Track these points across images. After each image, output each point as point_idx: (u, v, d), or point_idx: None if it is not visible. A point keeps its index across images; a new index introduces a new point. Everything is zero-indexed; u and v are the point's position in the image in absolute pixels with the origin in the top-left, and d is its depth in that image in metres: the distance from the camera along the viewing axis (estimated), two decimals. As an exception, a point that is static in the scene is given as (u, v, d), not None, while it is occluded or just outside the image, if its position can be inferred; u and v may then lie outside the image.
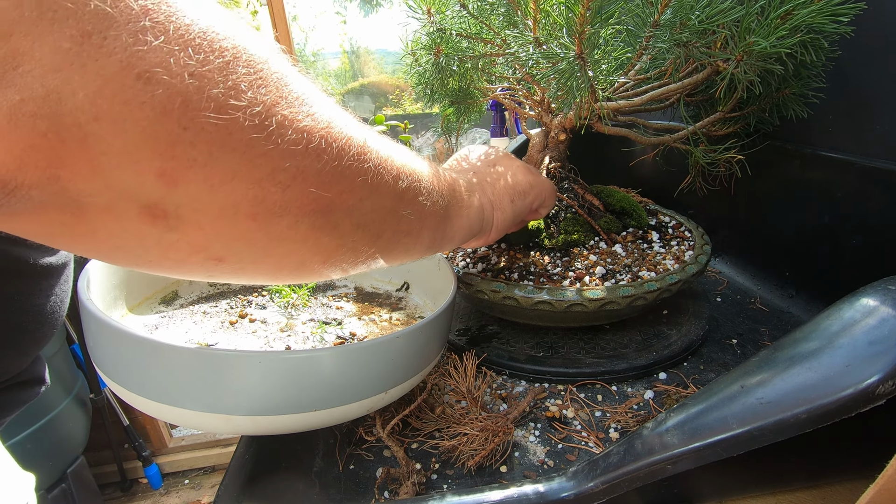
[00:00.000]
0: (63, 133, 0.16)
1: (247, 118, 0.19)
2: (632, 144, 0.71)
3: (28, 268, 0.40)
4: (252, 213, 0.20)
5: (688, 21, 0.40)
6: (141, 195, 0.18)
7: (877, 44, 0.49)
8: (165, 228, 0.19)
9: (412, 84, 0.67)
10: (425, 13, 0.56)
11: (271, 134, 0.20)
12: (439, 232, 0.34)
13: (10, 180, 0.16)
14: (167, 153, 0.17)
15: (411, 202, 0.29)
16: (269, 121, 0.19)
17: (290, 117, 0.20)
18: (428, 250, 0.35)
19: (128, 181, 0.17)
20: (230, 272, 0.23)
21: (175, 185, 0.18)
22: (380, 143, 0.26)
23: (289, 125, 0.20)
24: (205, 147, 0.18)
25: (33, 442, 1.22)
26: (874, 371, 0.23)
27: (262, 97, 0.19)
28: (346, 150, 0.23)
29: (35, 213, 0.17)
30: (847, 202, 0.53)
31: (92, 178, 0.17)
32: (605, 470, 0.30)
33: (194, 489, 1.73)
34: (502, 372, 0.51)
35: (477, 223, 0.40)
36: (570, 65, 0.41)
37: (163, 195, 0.18)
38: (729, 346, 0.54)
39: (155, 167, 0.18)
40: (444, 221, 0.35)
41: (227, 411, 0.33)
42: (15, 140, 0.15)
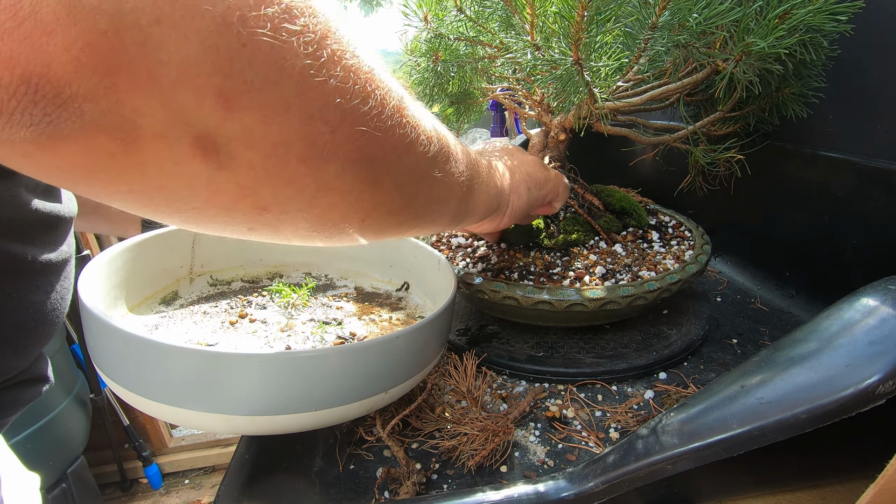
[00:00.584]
0: (123, 33, 0.15)
1: (301, 44, 0.18)
2: (632, 144, 0.71)
3: (27, 265, 0.40)
4: (303, 155, 0.20)
5: (686, 23, 0.40)
6: (197, 121, 0.17)
7: (877, 43, 0.49)
8: (217, 166, 0.19)
9: (411, 86, 0.67)
10: (422, 19, 0.56)
11: (323, 65, 0.19)
12: (464, 203, 0.35)
13: (64, 87, 0.14)
14: (226, 69, 0.17)
15: (443, 167, 0.29)
16: (321, 52, 0.19)
17: (339, 53, 0.20)
18: (452, 221, 0.35)
19: (185, 99, 0.17)
20: (271, 225, 0.22)
21: (230, 111, 0.17)
22: (413, 105, 0.26)
23: (338, 60, 0.20)
24: (262, 69, 0.17)
25: (33, 442, 1.22)
26: (874, 371, 0.23)
27: (315, 26, 0.19)
28: (387, 101, 0.23)
29: (82, 137, 0.16)
30: (847, 202, 0.53)
31: (150, 91, 0.16)
32: (605, 470, 0.30)
33: (194, 489, 1.73)
34: (502, 372, 0.51)
35: (495, 201, 0.41)
36: (568, 70, 0.41)
37: (217, 123, 0.17)
38: (729, 346, 0.54)
39: (213, 85, 0.17)
40: (469, 193, 0.35)
41: (227, 411, 0.33)
42: (74, 36, 0.14)
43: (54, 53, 0.14)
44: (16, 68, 0.14)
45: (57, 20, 0.14)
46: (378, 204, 0.25)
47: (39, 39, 0.14)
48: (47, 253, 0.41)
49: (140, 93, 0.16)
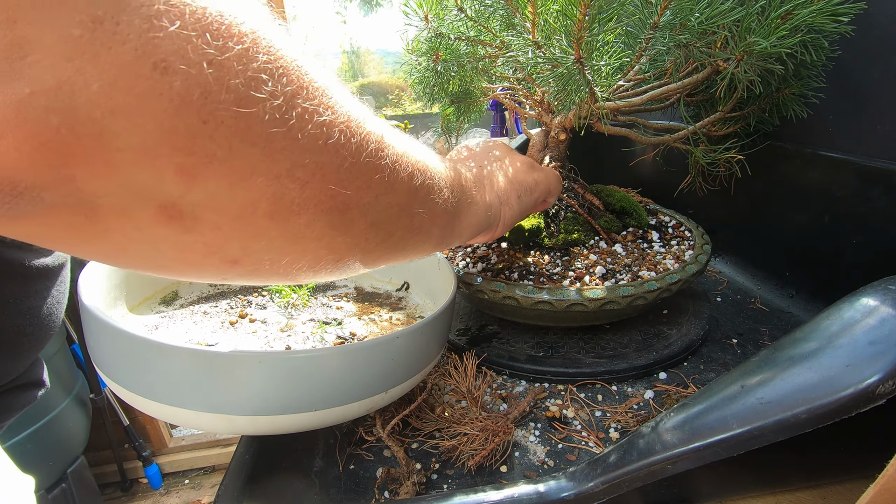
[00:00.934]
0: (77, 128, 0.15)
1: (267, 111, 0.18)
2: (632, 144, 0.71)
3: (23, 270, 0.40)
4: (270, 212, 0.20)
5: (687, 22, 0.40)
6: (158, 194, 0.17)
7: (877, 44, 0.49)
8: (181, 230, 0.19)
9: (412, 85, 0.67)
10: (423, 19, 0.56)
11: (292, 128, 0.19)
12: (448, 229, 0.34)
13: (20, 181, 0.15)
14: (186, 148, 0.17)
15: (424, 200, 0.29)
16: (290, 114, 0.19)
17: (311, 110, 0.19)
18: (437, 247, 0.35)
19: (145, 179, 0.17)
20: (245, 274, 0.23)
21: (193, 182, 0.17)
22: (396, 139, 0.26)
23: (309, 118, 0.19)
24: (224, 141, 0.17)
25: (33, 442, 1.22)
26: (874, 371, 0.23)
27: (283, 88, 0.18)
28: (364, 146, 0.22)
29: (43, 215, 0.16)
30: (847, 202, 0.53)
31: (108, 177, 0.16)
32: (605, 470, 0.30)
33: (194, 489, 1.73)
34: (502, 372, 0.51)
35: (485, 220, 0.40)
36: (569, 69, 0.41)
37: (180, 193, 0.17)
38: (729, 346, 0.54)
39: (174, 163, 0.17)
40: (454, 218, 0.34)
41: (227, 411, 0.33)
42: (26, 136, 0.14)
43: (5, 153, 0.14)
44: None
45: (6, 122, 0.14)
46: (353, 245, 0.25)
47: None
48: (43, 258, 0.41)
49: (98, 179, 0.16)
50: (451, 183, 0.33)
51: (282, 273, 0.24)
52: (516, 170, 0.46)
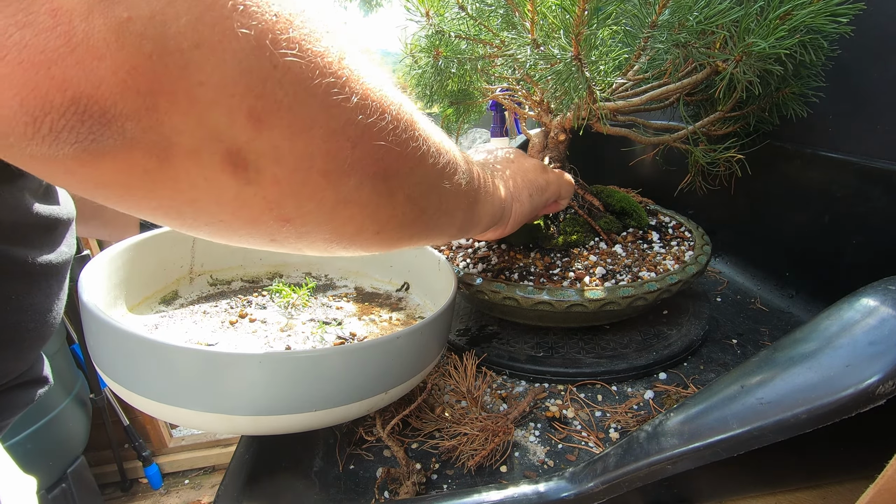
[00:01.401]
0: (166, 58, 0.15)
1: (325, 64, 0.19)
2: (632, 144, 0.71)
3: (27, 268, 0.40)
4: (325, 169, 0.21)
5: (686, 22, 0.40)
6: (228, 137, 0.18)
7: (877, 44, 0.49)
8: (244, 181, 0.19)
9: (411, 85, 0.67)
10: (424, 15, 0.56)
11: (344, 85, 0.20)
12: (469, 213, 0.35)
13: (110, 107, 0.15)
14: (258, 90, 0.17)
15: (450, 179, 0.30)
16: (342, 72, 0.20)
17: (357, 72, 0.21)
18: (459, 231, 0.36)
19: (219, 118, 0.17)
20: (292, 236, 0.23)
21: (260, 128, 0.18)
22: (423, 119, 0.27)
23: (356, 79, 0.21)
24: (291, 88, 0.18)
25: (33, 442, 1.22)
26: (874, 371, 0.23)
27: (336, 46, 0.20)
28: (399, 118, 0.24)
29: (122, 153, 0.17)
30: (847, 202, 0.53)
31: (188, 111, 0.17)
32: (605, 470, 0.30)
33: (194, 489, 1.73)
34: (502, 372, 0.51)
35: (499, 212, 0.41)
36: (568, 66, 0.41)
37: (247, 139, 0.18)
38: (729, 346, 0.54)
39: (246, 105, 0.18)
40: (474, 205, 0.36)
41: (227, 411, 0.33)
42: (122, 59, 0.15)
43: (104, 76, 0.15)
44: (67, 90, 0.15)
45: (107, 45, 0.15)
46: (392, 216, 0.26)
47: (91, 63, 0.15)
48: (46, 255, 0.41)
49: (178, 112, 0.17)
50: (468, 170, 0.34)
51: (326, 239, 0.25)
52: (527, 170, 0.47)
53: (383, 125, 0.22)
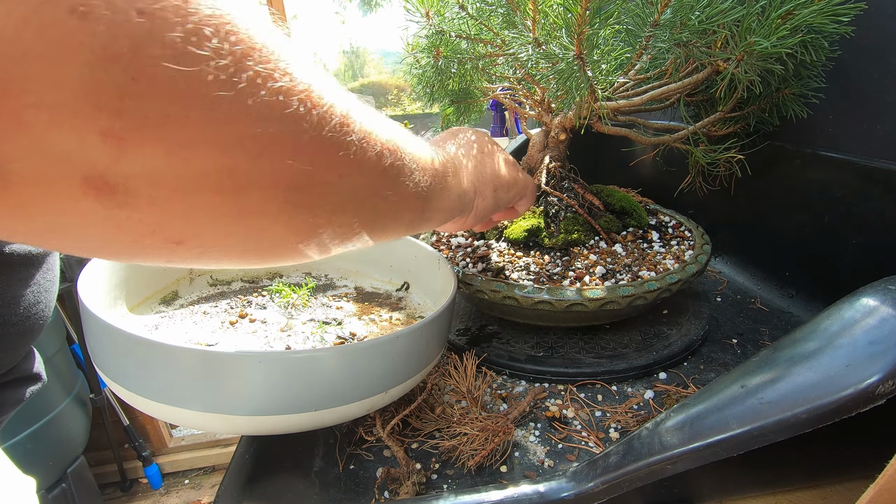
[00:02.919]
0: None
1: (211, 71, 0.16)
2: (632, 144, 0.71)
3: (4, 257, 0.39)
4: (217, 187, 0.18)
5: (688, 21, 0.40)
6: (82, 162, 0.15)
7: (877, 44, 0.49)
8: (113, 205, 0.16)
9: (412, 85, 0.67)
10: (424, 15, 0.56)
11: (241, 93, 0.17)
12: (419, 213, 0.33)
13: None
14: (113, 107, 0.15)
15: (394, 182, 0.27)
16: (239, 76, 0.17)
17: (264, 75, 0.18)
18: (406, 231, 0.34)
19: (65, 143, 0.14)
20: (193, 256, 0.21)
21: (124, 150, 0.15)
22: (364, 115, 0.24)
23: (262, 84, 0.17)
24: (159, 103, 0.15)
25: (33, 442, 1.22)
26: (874, 371, 0.23)
27: (232, 47, 0.16)
28: (326, 119, 0.20)
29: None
30: (847, 202, 0.53)
31: (19, 137, 0.14)
32: (605, 470, 0.30)
33: (194, 489, 1.73)
34: (502, 372, 0.51)
35: (458, 205, 0.39)
36: (569, 65, 0.41)
37: (109, 162, 0.15)
38: (729, 346, 0.54)
39: (99, 126, 0.15)
40: (426, 203, 0.33)
41: (227, 411, 0.33)
42: None
43: None
44: None
45: None
46: (316, 226, 0.23)
47: None
48: (20, 244, 0.41)
49: (6, 138, 0.14)
50: (424, 165, 0.31)
51: (239, 255, 0.22)
52: (497, 164, 0.45)
53: (297, 134, 0.19)
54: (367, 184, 0.25)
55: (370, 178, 0.25)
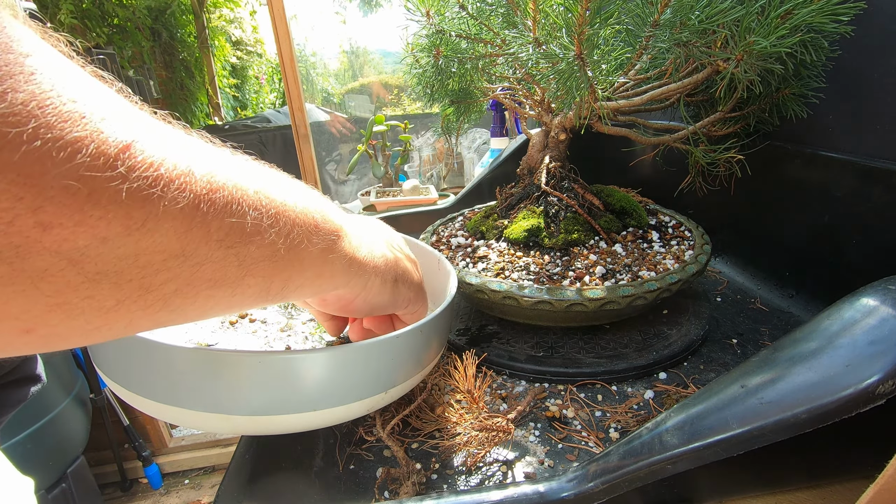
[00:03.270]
0: None
1: None
2: (632, 144, 0.71)
3: None
4: None
5: (688, 21, 0.40)
6: None
7: (877, 44, 0.49)
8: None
9: (412, 84, 0.67)
10: (424, 15, 0.56)
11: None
12: (278, 281, 0.25)
13: None
14: None
15: (223, 241, 0.21)
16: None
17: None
18: (256, 303, 0.25)
19: None
20: None
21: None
22: (177, 143, 0.19)
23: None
24: None
25: (33, 442, 1.22)
26: (874, 371, 0.23)
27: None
28: (79, 151, 0.16)
29: None
30: (847, 202, 0.53)
31: None
32: (605, 470, 0.30)
33: (194, 489, 1.73)
34: (502, 372, 0.51)
35: (343, 277, 0.31)
36: (570, 65, 0.41)
37: None
38: (729, 346, 0.54)
39: None
40: (287, 268, 0.25)
41: (227, 411, 0.33)
42: None
43: None
44: None
45: None
46: (52, 307, 0.17)
47: None
48: None
49: None
50: (297, 219, 0.25)
51: None
52: (403, 255, 0.39)
53: (25, 167, 0.15)
54: (163, 246, 0.19)
55: (170, 239, 0.19)
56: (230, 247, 0.21)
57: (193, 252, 0.20)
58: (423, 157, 2.10)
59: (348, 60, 3.96)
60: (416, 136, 2.22)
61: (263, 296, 0.25)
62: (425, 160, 2.11)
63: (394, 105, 3.40)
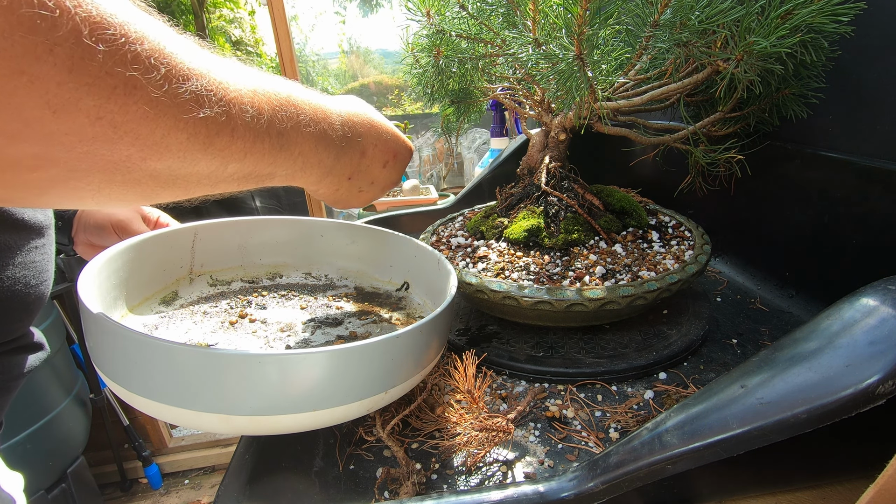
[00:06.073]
0: None
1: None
2: (632, 144, 0.71)
3: (16, 222, 0.41)
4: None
5: (687, 21, 0.40)
6: None
7: (877, 44, 0.49)
8: None
9: (412, 85, 0.67)
10: (425, 15, 0.56)
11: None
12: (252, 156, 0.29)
13: None
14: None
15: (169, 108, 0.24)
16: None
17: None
18: (232, 184, 0.30)
19: None
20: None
21: None
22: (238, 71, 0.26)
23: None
24: None
25: (33, 442, 1.22)
26: (874, 371, 0.23)
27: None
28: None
29: None
30: (847, 202, 0.53)
31: None
32: (605, 470, 0.30)
33: (194, 489, 1.73)
34: (502, 372, 0.51)
35: (331, 149, 0.35)
36: (569, 65, 0.41)
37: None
38: (729, 346, 0.54)
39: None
40: (257, 141, 0.29)
41: (227, 411, 0.33)
42: None
43: None
44: None
45: None
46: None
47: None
48: (38, 214, 0.43)
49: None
50: (263, 97, 0.28)
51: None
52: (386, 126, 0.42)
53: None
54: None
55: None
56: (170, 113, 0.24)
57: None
58: (423, 157, 2.10)
59: (348, 61, 3.96)
60: (416, 136, 2.22)
61: (243, 177, 0.30)
62: (425, 160, 2.11)
63: (394, 105, 3.40)
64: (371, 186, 0.43)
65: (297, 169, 0.33)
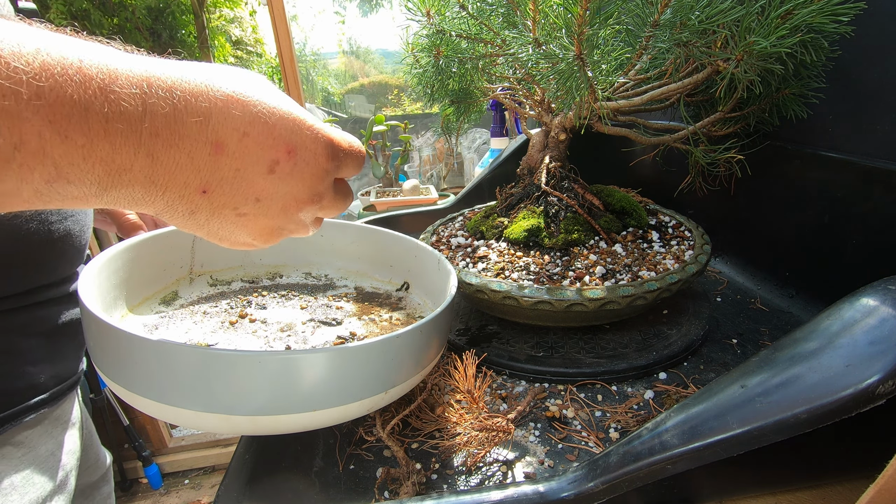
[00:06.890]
0: None
1: None
2: (632, 144, 0.71)
3: None
4: None
5: (688, 21, 0.40)
6: None
7: (877, 44, 0.49)
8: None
9: (412, 85, 0.67)
10: (425, 15, 0.56)
11: None
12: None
13: None
14: None
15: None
16: None
17: None
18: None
19: None
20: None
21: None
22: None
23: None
24: None
25: (33, 442, 1.22)
26: (874, 371, 0.23)
27: None
28: None
29: None
30: (847, 202, 0.53)
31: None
32: (605, 470, 0.30)
33: (194, 489, 1.73)
34: (502, 372, 0.51)
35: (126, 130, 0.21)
36: (570, 65, 0.41)
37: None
38: (729, 346, 0.54)
39: None
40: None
41: (226, 411, 0.33)
42: None
43: None
44: None
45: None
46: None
47: None
48: None
49: None
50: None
51: None
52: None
53: None
54: None
55: None
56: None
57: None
58: (423, 157, 2.10)
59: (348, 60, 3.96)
60: (416, 136, 2.22)
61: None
62: (425, 160, 2.11)
63: (394, 105, 3.40)
64: (257, 206, 0.27)
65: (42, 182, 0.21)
